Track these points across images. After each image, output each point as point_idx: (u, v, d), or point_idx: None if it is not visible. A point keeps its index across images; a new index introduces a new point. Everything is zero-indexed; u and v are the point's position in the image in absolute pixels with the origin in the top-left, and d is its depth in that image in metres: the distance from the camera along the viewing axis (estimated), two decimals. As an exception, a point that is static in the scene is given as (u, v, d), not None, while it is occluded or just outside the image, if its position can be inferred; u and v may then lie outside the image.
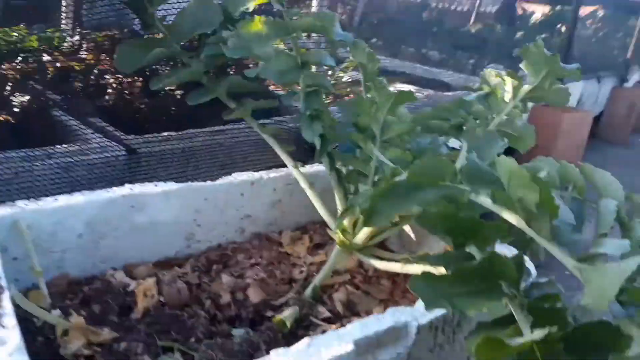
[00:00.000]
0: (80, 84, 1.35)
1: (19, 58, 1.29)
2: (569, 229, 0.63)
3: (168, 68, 1.34)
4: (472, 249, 0.66)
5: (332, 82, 1.79)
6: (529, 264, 0.83)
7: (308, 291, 0.97)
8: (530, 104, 1.05)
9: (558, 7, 5.25)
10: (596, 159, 3.40)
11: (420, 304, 0.78)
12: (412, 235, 1.15)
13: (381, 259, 1.02)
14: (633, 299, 0.56)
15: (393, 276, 1.08)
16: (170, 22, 1.11)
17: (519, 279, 0.66)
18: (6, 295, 0.67)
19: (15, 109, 1.18)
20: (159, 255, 1.02)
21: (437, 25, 4.27)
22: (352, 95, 1.79)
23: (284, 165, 1.13)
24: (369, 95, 1.00)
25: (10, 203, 0.86)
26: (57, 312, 0.77)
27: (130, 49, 1.05)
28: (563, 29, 4.34)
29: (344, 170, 1.07)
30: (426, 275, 0.61)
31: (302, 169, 1.10)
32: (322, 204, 1.06)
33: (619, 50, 5.81)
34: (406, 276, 1.08)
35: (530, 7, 5.61)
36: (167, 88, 1.44)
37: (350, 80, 2.02)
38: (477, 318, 0.85)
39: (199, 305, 0.91)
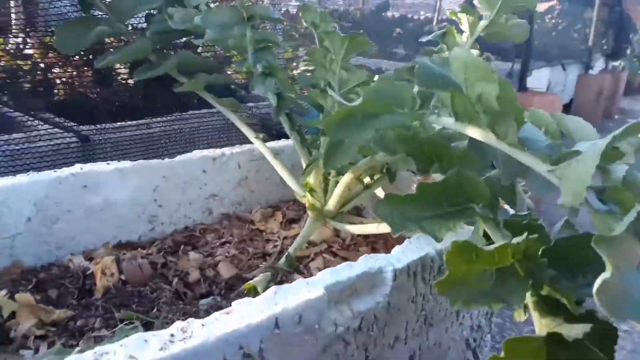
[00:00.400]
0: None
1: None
2: (539, 139, 0.59)
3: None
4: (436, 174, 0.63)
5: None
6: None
7: (282, 260, 0.91)
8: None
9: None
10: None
11: (396, 250, 0.74)
12: (387, 201, 1.11)
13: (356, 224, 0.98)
14: (613, 196, 0.53)
15: (372, 242, 1.04)
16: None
17: (493, 200, 0.62)
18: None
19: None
20: (121, 240, 0.95)
21: (400, 27, 4.30)
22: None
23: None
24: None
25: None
26: (2, 293, 0.70)
27: (70, 29, 0.99)
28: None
29: (308, 138, 1.03)
30: (391, 197, 0.56)
31: (267, 144, 1.06)
32: (290, 173, 1.02)
33: (580, 41, 5.95)
34: (385, 242, 1.04)
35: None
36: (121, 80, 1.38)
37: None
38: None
39: (164, 282, 0.85)
